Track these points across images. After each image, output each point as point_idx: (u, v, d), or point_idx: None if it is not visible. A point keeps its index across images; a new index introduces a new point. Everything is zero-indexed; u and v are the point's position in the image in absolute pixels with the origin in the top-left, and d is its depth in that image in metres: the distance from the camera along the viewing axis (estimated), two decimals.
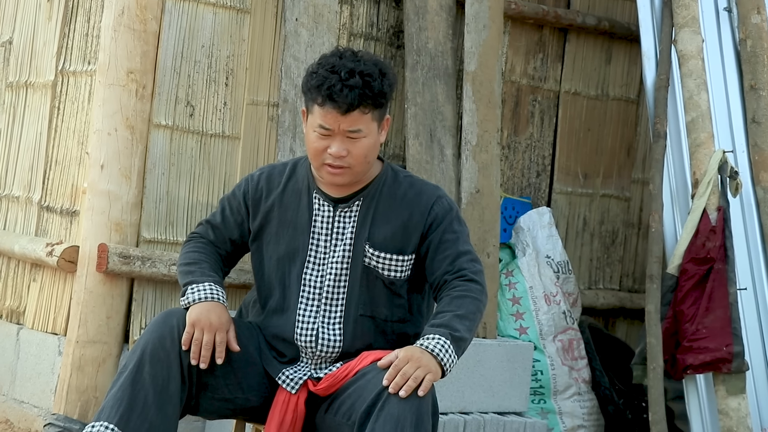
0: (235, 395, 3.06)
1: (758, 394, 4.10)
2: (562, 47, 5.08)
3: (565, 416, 4.53)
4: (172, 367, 2.97)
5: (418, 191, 3.14)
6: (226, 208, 3.25)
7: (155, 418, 2.94)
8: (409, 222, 3.11)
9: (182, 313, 3.06)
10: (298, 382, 3.05)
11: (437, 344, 2.92)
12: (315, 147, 3.04)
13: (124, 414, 2.92)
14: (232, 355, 3.06)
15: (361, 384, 2.94)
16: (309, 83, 3.04)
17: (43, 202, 4.46)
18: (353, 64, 3.00)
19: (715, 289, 3.91)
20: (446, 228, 3.11)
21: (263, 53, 4.36)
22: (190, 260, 3.20)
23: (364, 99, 2.98)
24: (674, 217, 4.19)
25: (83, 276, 4.09)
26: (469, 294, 3.04)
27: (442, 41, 4.55)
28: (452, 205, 3.16)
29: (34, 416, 4.25)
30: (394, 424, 2.81)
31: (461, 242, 3.11)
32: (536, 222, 4.73)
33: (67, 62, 4.43)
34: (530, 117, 5.00)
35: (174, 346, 2.98)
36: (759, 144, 4.21)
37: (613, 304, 5.22)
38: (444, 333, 2.95)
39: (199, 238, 3.29)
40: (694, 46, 4.18)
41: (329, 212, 3.12)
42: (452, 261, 3.08)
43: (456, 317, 2.98)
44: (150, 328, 3.03)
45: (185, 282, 3.13)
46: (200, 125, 4.26)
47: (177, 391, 2.97)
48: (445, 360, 2.92)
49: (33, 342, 4.37)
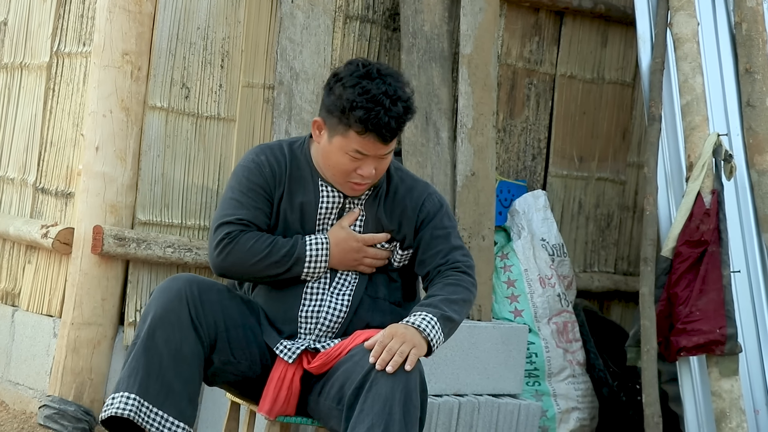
0: (239, 359, 3.07)
1: (751, 376, 4.11)
2: (558, 30, 5.08)
3: (559, 398, 4.54)
4: (184, 329, 2.96)
5: (408, 187, 3.18)
6: (253, 200, 3.10)
7: (173, 381, 2.94)
8: (403, 217, 3.16)
9: (186, 277, 3.03)
10: (296, 352, 3.06)
11: (423, 320, 2.95)
12: (345, 168, 3.04)
13: (142, 381, 2.92)
14: (236, 320, 3.06)
15: (348, 367, 2.96)
16: (343, 109, 2.98)
17: (38, 184, 4.46)
18: (390, 89, 2.98)
19: (709, 271, 3.92)
20: (437, 224, 3.15)
21: (259, 35, 4.36)
22: (265, 249, 3.06)
23: (404, 125, 3.04)
24: (669, 200, 4.19)
25: (78, 258, 4.09)
26: (461, 283, 3.09)
27: (438, 24, 4.54)
28: (442, 201, 3.20)
29: (29, 398, 4.26)
30: (382, 404, 2.83)
31: (452, 237, 3.16)
32: (531, 205, 4.74)
33: (62, 44, 4.43)
34: (526, 100, 5.00)
35: (183, 309, 2.96)
36: (753, 127, 4.21)
37: (607, 287, 5.23)
38: (431, 311, 2.98)
39: (242, 233, 3.09)
40: (690, 30, 4.18)
41: (338, 200, 3.13)
42: (445, 255, 3.13)
43: (446, 300, 3.02)
44: (155, 296, 3.00)
45: (290, 262, 3.06)
46: (196, 107, 4.26)
47: (192, 352, 2.96)
48: (432, 336, 2.94)
49: (28, 324, 4.37)
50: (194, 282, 3.03)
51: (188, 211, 4.27)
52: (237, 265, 3.07)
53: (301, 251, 3.07)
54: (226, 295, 3.09)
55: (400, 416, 2.84)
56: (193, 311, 2.98)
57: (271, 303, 3.14)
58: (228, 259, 3.06)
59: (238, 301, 3.11)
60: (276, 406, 3.03)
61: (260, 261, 3.06)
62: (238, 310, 3.09)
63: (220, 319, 3.03)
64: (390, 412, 2.83)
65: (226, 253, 3.06)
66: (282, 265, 3.06)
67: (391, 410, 2.83)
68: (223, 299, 3.06)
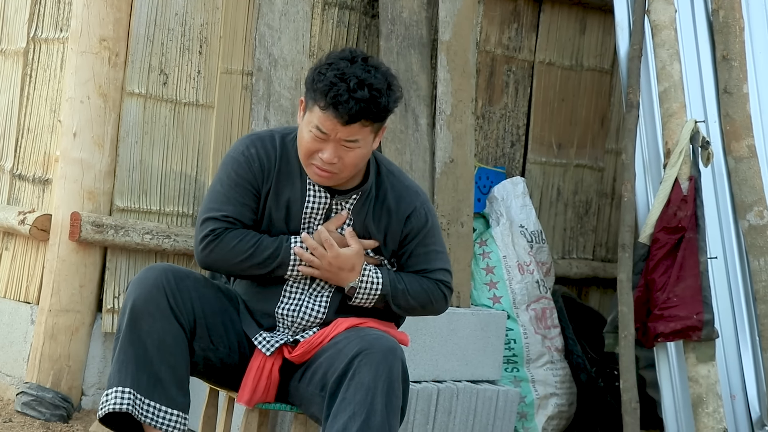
0: (217, 346, 3.05)
1: (728, 362, 4.14)
2: (536, 17, 5.08)
3: (537, 384, 4.56)
4: (164, 318, 2.95)
5: (398, 196, 3.11)
6: (239, 195, 3.06)
7: (160, 370, 2.93)
8: (389, 229, 3.11)
9: (161, 266, 3.02)
10: (275, 345, 3.05)
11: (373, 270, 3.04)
12: (307, 147, 2.98)
13: (134, 375, 2.92)
14: (214, 307, 3.05)
15: (332, 353, 2.95)
16: (315, 83, 2.95)
17: (15, 171, 4.44)
18: (363, 74, 2.92)
19: (686, 257, 3.94)
20: (420, 242, 3.11)
21: (237, 21, 4.34)
22: (249, 249, 3.03)
23: (367, 114, 2.93)
24: (646, 187, 4.21)
25: (56, 244, 4.08)
26: (428, 291, 3.10)
27: (417, 10, 4.54)
28: (428, 216, 3.12)
29: (7, 385, 4.25)
30: (365, 392, 2.83)
31: (434, 258, 3.12)
32: (510, 192, 4.74)
33: (39, 29, 4.40)
34: (505, 87, 5.00)
35: (162, 297, 2.95)
36: (730, 114, 4.23)
37: (586, 274, 5.25)
38: (385, 272, 3.05)
39: (226, 231, 3.06)
40: (667, 17, 4.19)
41: (325, 200, 3.07)
42: (426, 275, 3.12)
43: (405, 285, 3.07)
44: (132, 287, 2.98)
45: (274, 264, 3.04)
46: (174, 94, 4.24)
47: (176, 340, 2.95)
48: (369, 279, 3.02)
49: (5, 311, 4.36)
50: (170, 270, 3.02)
51: (166, 198, 4.25)
52: (221, 262, 3.06)
53: (285, 255, 3.04)
54: (203, 283, 3.08)
55: (382, 406, 2.84)
56: (171, 299, 2.97)
57: (251, 296, 3.13)
58: (211, 256, 3.05)
59: (215, 290, 3.10)
60: (255, 396, 3.03)
61: (244, 261, 3.04)
62: (215, 297, 3.08)
63: (198, 306, 3.02)
64: (372, 402, 2.83)
65: (210, 250, 3.05)
66: (265, 266, 3.05)
67: (373, 399, 2.83)
68: (199, 287, 3.05)
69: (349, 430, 2.82)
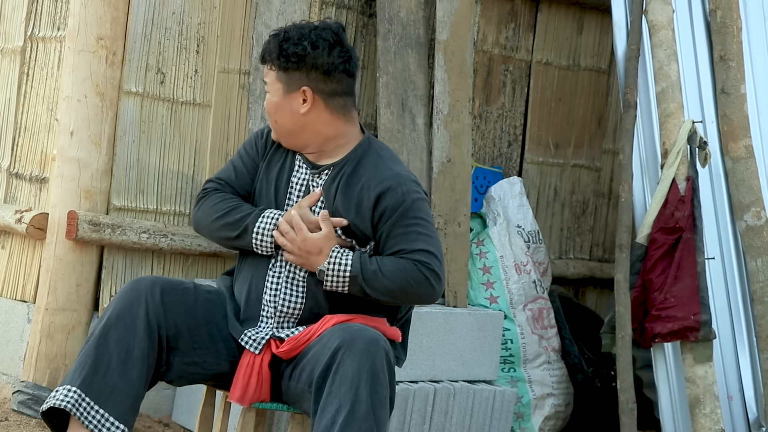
0: (204, 359, 3.06)
1: (725, 363, 4.14)
2: (534, 17, 5.08)
3: (534, 384, 4.56)
4: (137, 332, 2.96)
5: (374, 175, 3.05)
6: (239, 163, 3.23)
7: (119, 381, 2.93)
8: (360, 206, 3.06)
9: (151, 279, 3.05)
10: (261, 342, 3.06)
11: (342, 253, 3.01)
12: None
13: (86, 377, 2.93)
14: (200, 319, 3.06)
15: (317, 349, 2.96)
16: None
17: (12, 169, 4.44)
18: (298, 28, 3.08)
19: (684, 258, 3.94)
20: (396, 222, 3.02)
21: (234, 20, 4.34)
22: (226, 208, 3.14)
23: (270, 54, 3.08)
24: (644, 187, 4.21)
25: (53, 243, 4.07)
26: (405, 271, 2.99)
27: (414, 10, 4.54)
28: (406, 196, 3.01)
29: (3, 384, 4.24)
30: (349, 384, 2.83)
31: (414, 236, 3.01)
32: (507, 191, 4.75)
33: (36, 28, 4.40)
34: (502, 87, 5.00)
35: (141, 311, 2.98)
36: (728, 114, 4.23)
37: (583, 274, 5.25)
38: (357, 254, 3.02)
39: (215, 191, 3.21)
40: (665, 17, 4.19)
41: (306, 176, 3.13)
42: (406, 254, 3.02)
43: (378, 265, 3.01)
44: (118, 295, 3.03)
45: (241, 228, 3.09)
46: (171, 92, 4.24)
47: (142, 355, 2.96)
48: (333, 257, 2.99)
49: (2, 309, 4.35)
50: (158, 283, 3.04)
51: (163, 197, 4.25)
52: (202, 219, 3.19)
53: (252, 221, 3.09)
54: (192, 294, 3.09)
55: (367, 396, 2.84)
56: (151, 314, 2.98)
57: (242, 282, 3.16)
58: (197, 213, 3.21)
59: (202, 299, 3.11)
60: (247, 394, 3.03)
61: (218, 219, 3.13)
62: (203, 309, 3.09)
63: (182, 321, 3.03)
64: (356, 392, 2.83)
65: (197, 207, 3.21)
66: (234, 228, 3.11)
67: (357, 391, 2.83)
68: (187, 299, 3.06)
69: (336, 422, 2.82)
